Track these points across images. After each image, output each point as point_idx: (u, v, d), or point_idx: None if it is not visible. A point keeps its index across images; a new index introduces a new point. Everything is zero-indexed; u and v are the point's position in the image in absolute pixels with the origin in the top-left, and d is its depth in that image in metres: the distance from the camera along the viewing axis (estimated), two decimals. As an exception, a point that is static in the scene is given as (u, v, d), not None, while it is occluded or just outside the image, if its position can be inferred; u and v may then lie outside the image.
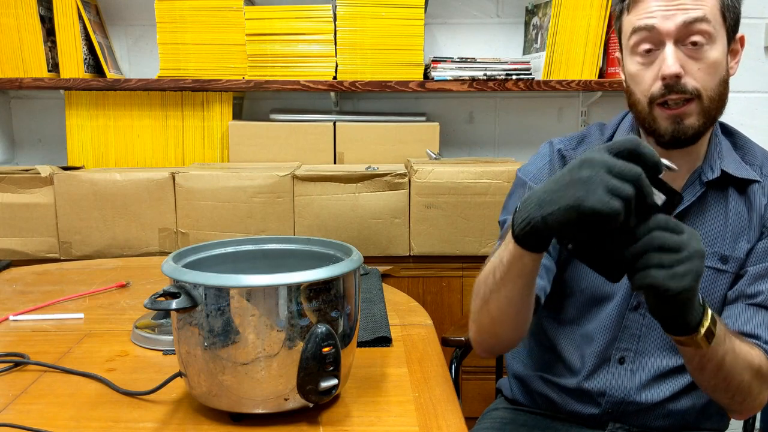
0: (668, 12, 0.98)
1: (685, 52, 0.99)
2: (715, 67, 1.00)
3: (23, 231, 1.93)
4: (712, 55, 0.99)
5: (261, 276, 0.82)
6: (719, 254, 1.06)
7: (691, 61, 0.99)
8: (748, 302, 1.03)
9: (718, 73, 1.00)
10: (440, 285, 1.96)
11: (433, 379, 1.00)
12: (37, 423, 0.86)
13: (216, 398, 0.86)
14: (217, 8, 2.11)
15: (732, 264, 1.06)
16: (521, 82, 2.12)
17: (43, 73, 2.13)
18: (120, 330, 1.20)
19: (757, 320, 1.01)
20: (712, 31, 0.98)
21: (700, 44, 0.98)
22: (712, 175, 1.06)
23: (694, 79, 0.99)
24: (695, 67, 0.99)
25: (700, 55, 0.99)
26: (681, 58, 0.99)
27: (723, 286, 1.07)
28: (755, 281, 1.04)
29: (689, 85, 0.99)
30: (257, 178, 1.89)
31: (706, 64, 0.99)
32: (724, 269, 1.06)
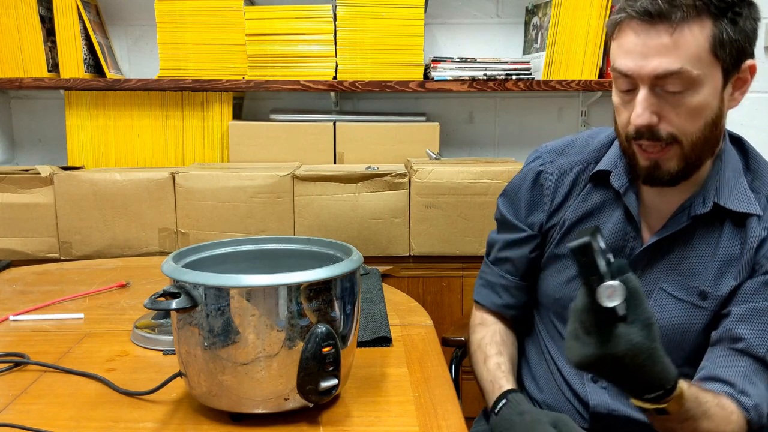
0: (645, 53, 0.90)
1: (663, 96, 0.91)
2: (698, 112, 0.92)
3: (23, 231, 1.93)
4: (694, 101, 0.91)
5: (261, 276, 0.82)
6: (699, 290, 1.00)
7: (668, 106, 0.92)
8: (730, 346, 0.97)
9: (703, 116, 0.92)
10: (440, 285, 1.96)
11: (433, 379, 1.00)
12: (37, 423, 0.86)
13: (216, 398, 0.86)
14: (217, 8, 2.11)
15: (711, 301, 1.00)
16: (521, 82, 2.12)
17: (43, 73, 2.13)
18: (120, 330, 1.20)
19: (736, 367, 0.96)
20: (692, 79, 0.89)
21: (679, 92, 0.90)
22: (702, 209, 1.00)
23: (670, 125, 0.92)
24: (673, 113, 0.92)
25: (678, 101, 0.91)
26: (655, 105, 0.92)
27: (699, 323, 1.01)
28: (738, 324, 0.97)
29: (664, 131, 0.92)
30: (257, 178, 1.89)
31: (686, 109, 0.91)
32: (702, 306, 1.00)
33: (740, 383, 0.95)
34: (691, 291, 1.01)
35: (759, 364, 0.96)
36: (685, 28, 0.88)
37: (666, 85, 0.90)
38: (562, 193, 1.12)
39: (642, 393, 0.85)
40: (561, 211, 1.12)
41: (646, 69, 0.90)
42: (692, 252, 1.01)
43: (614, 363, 0.81)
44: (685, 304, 1.01)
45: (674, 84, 0.90)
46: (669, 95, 0.91)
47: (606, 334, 0.80)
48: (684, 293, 1.01)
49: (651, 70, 0.89)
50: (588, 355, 0.82)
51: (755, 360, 0.96)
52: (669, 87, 0.90)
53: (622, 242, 1.05)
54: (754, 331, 0.96)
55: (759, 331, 0.96)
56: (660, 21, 0.88)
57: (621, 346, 0.79)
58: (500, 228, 1.21)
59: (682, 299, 1.01)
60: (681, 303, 1.01)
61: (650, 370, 0.82)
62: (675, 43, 0.88)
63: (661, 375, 0.83)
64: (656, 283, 1.03)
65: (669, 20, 0.88)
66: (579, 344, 0.83)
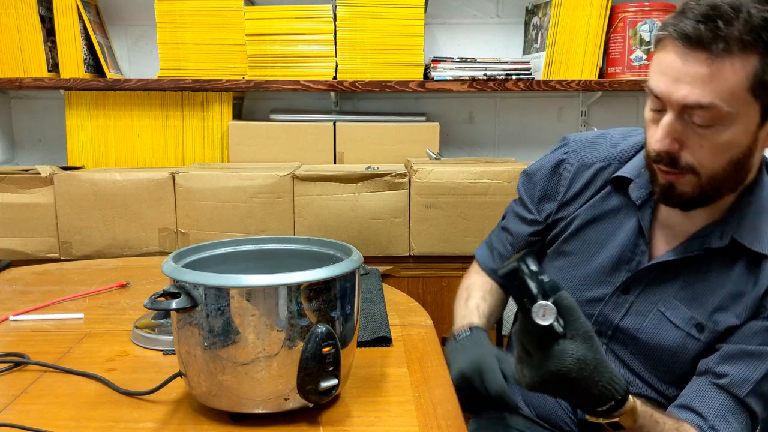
0: (678, 79, 0.85)
1: (689, 125, 0.87)
2: (724, 149, 0.87)
3: (23, 231, 1.92)
4: (721, 138, 0.86)
5: (261, 276, 0.82)
6: (697, 321, 0.98)
7: (693, 137, 0.87)
8: (713, 380, 0.95)
9: (728, 154, 0.88)
10: (440, 285, 1.96)
11: (433, 379, 1.00)
12: (37, 423, 0.86)
13: (216, 398, 0.85)
14: (217, 8, 2.11)
15: (707, 334, 0.97)
16: (521, 82, 2.12)
17: (43, 73, 2.13)
18: (120, 330, 1.20)
19: (713, 401, 0.94)
20: (722, 115, 0.84)
21: (706, 125, 0.86)
22: (718, 242, 0.95)
23: (691, 156, 0.88)
24: (696, 144, 0.88)
25: (704, 134, 0.87)
26: (679, 132, 0.88)
27: (692, 351, 0.99)
28: (727, 361, 0.95)
29: (683, 160, 0.89)
30: (257, 178, 1.89)
31: (711, 144, 0.87)
32: (698, 337, 0.98)
33: (712, 418, 0.93)
34: (688, 321, 0.98)
35: (737, 403, 0.94)
36: (726, 61, 0.83)
37: (693, 116, 0.86)
38: (577, 186, 1.11)
39: (595, 406, 0.84)
40: (572, 205, 1.11)
41: (676, 95, 0.86)
42: (698, 282, 0.98)
43: (562, 379, 0.81)
44: (680, 332, 0.99)
45: (702, 117, 0.85)
46: (695, 126, 0.87)
47: (548, 352, 0.80)
48: (681, 321, 0.99)
49: (680, 98, 0.85)
50: (535, 376, 0.82)
51: (734, 399, 0.94)
52: (696, 119, 0.86)
53: (630, 254, 1.03)
54: (740, 371, 0.94)
55: (745, 373, 0.93)
56: (700, 48, 0.83)
57: (565, 362, 0.80)
58: (516, 201, 1.23)
59: (678, 326, 0.99)
60: (677, 329, 0.99)
61: (598, 382, 0.82)
62: (711, 75, 0.83)
63: (610, 386, 0.83)
64: (655, 304, 1.01)
65: (709, 50, 0.83)
66: (525, 367, 0.84)
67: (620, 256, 1.04)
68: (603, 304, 1.05)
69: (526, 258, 0.82)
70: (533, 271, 0.82)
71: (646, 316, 1.02)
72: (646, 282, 1.02)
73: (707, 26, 0.82)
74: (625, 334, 1.03)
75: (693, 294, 0.98)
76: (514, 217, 1.21)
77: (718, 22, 0.82)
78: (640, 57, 2.12)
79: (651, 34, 2.10)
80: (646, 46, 2.11)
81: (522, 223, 1.19)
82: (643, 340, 1.02)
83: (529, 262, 0.82)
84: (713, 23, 0.82)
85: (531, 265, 0.82)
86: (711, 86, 0.83)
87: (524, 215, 1.18)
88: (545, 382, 0.82)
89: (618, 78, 2.14)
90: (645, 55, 2.11)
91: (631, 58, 2.12)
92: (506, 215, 1.25)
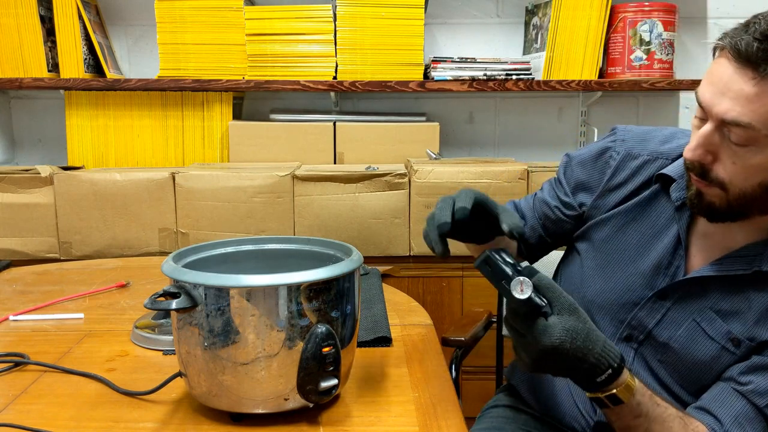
0: (723, 92, 0.84)
1: (726, 140, 0.86)
2: (755, 172, 0.85)
3: (23, 231, 1.92)
4: (754, 160, 0.84)
5: (261, 276, 0.82)
6: (732, 335, 0.96)
7: (728, 152, 0.86)
8: (735, 387, 0.94)
9: (760, 176, 0.86)
10: (440, 285, 1.96)
11: (433, 379, 1.00)
12: (37, 423, 0.86)
13: (216, 398, 0.86)
14: (217, 8, 2.11)
15: (742, 349, 0.96)
16: (521, 82, 2.11)
17: (43, 73, 2.13)
18: (120, 330, 1.20)
19: (732, 407, 0.93)
20: (758, 138, 0.83)
21: (741, 144, 0.84)
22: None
23: (723, 170, 0.87)
24: (730, 160, 0.86)
25: (737, 153, 0.85)
26: (715, 145, 0.87)
27: (724, 365, 0.97)
28: (753, 371, 0.94)
29: (713, 174, 0.88)
30: (257, 178, 1.89)
31: (743, 164, 0.85)
32: (733, 351, 0.96)
33: (728, 424, 0.92)
34: (725, 335, 0.97)
35: (756, 413, 0.93)
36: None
37: (731, 133, 0.84)
38: (621, 176, 1.07)
39: (594, 376, 0.85)
40: (613, 195, 1.08)
41: (717, 109, 0.84)
42: (737, 297, 0.96)
43: (556, 352, 0.82)
44: (715, 344, 0.97)
45: (738, 135, 0.84)
46: (731, 143, 0.85)
47: (538, 329, 0.82)
48: (717, 334, 0.97)
49: (720, 112, 0.84)
50: (532, 354, 0.83)
51: (754, 408, 0.93)
52: (733, 136, 0.84)
53: (670, 259, 1.01)
54: (764, 383, 0.93)
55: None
56: (749, 66, 0.82)
57: (556, 334, 0.81)
58: (554, 180, 1.18)
59: (713, 339, 0.97)
60: (712, 342, 0.97)
61: (593, 350, 0.83)
62: (755, 96, 0.81)
63: (605, 353, 0.84)
64: (691, 314, 0.99)
65: (757, 69, 0.81)
66: (521, 350, 0.84)
67: (659, 261, 1.02)
68: (639, 308, 1.03)
69: (498, 251, 0.86)
70: (505, 258, 0.85)
71: (681, 325, 1.00)
72: (684, 291, 1.00)
73: (762, 45, 0.81)
74: (657, 341, 1.02)
75: (731, 308, 0.97)
76: (551, 192, 1.16)
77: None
78: (640, 57, 2.12)
79: (651, 34, 2.10)
80: (646, 46, 2.11)
81: (558, 201, 1.15)
82: (674, 349, 1.00)
83: (502, 255, 0.86)
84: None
85: (505, 257, 0.86)
86: (752, 106, 0.82)
87: (561, 196, 1.14)
88: (542, 359, 0.83)
89: (618, 78, 2.14)
90: (645, 55, 2.11)
91: (631, 58, 2.12)
92: (542, 189, 1.20)
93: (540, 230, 1.16)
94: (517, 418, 1.18)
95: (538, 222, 1.15)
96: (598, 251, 1.09)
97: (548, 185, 1.18)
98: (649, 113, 2.41)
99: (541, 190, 1.20)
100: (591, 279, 1.08)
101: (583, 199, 1.11)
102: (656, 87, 2.12)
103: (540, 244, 1.17)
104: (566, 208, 1.13)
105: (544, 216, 1.15)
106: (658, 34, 2.10)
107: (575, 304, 0.83)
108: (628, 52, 2.12)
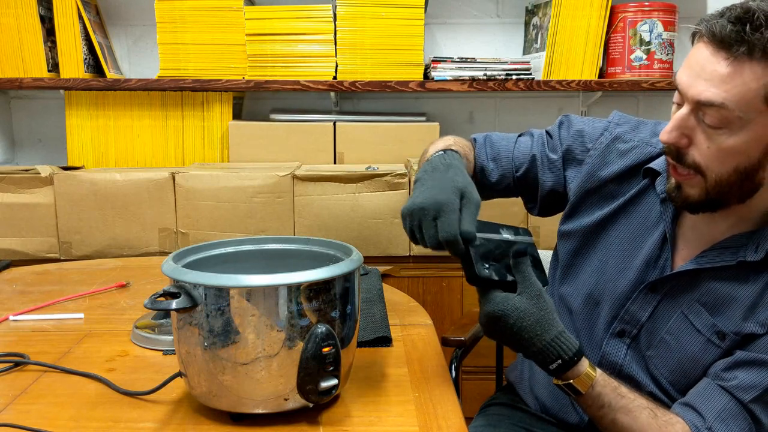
0: (698, 74, 0.86)
1: (701, 123, 0.88)
2: (729, 155, 0.87)
3: (23, 231, 1.92)
4: (726, 142, 0.86)
5: (261, 276, 0.82)
6: (718, 328, 0.97)
7: (702, 136, 0.88)
8: (719, 383, 0.95)
9: (734, 161, 0.87)
10: (440, 285, 1.96)
11: (433, 379, 1.00)
12: (37, 423, 0.86)
13: (216, 398, 0.86)
14: (217, 8, 2.11)
15: (728, 343, 0.97)
16: (521, 82, 2.12)
17: (43, 73, 2.13)
18: (120, 330, 1.20)
19: (716, 403, 0.94)
20: (731, 119, 0.84)
21: (714, 126, 0.86)
22: (753, 256, 0.94)
23: (698, 155, 0.89)
24: (704, 144, 0.88)
25: (711, 135, 0.87)
26: (690, 129, 0.89)
27: (710, 359, 0.98)
28: (737, 366, 0.95)
29: (690, 158, 0.90)
30: (257, 178, 1.89)
31: (717, 147, 0.87)
32: (718, 344, 0.97)
33: (711, 420, 0.93)
34: (710, 328, 0.98)
35: (740, 408, 0.94)
36: (746, 65, 0.83)
37: (706, 115, 0.87)
38: (611, 158, 1.09)
39: (543, 363, 0.91)
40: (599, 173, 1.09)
41: (692, 91, 0.87)
42: (722, 290, 0.97)
43: (497, 321, 0.88)
44: (701, 337, 0.98)
45: (712, 117, 0.86)
46: (706, 125, 0.87)
47: (487, 297, 0.89)
48: (703, 327, 0.98)
49: (695, 94, 0.86)
50: (480, 318, 0.90)
51: (738, 403, 0.94)
52: (707, 118, 0.86)
53: (659, 251, 1.02)
54: (749, 377, 0.93)
55: (754, 379, 0.93)
56: (723, 48, 0.84)
57: (500, 306, 0.88)
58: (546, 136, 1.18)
59: (700, 332, 0.98)
60: (698, 335, 0.98)
61: (541, 336, 0.89)
62: (728, 76, 0.84)
63: (556, 343, 0.89)
64: (680, 306, 1.00)
65: (730, 50, 0.83)
66: (479, 314, 0.91)
67: (649, 255, 1.03)
68: (631, 302, 1.04)
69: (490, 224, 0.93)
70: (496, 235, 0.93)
71: (671, 318, 1.01)
72: (673, 284, 1.01)
73: (735, 27, 0.83)
74: (650, 335, 1.03)
75: (716, 301, 0.98)
76: (540, 148, 1.16)
77: (747, 26, 0.82)
78: (640, 57, 2.12)
79: (651, 34, 2.10)
80: (646, 46, 2.11)
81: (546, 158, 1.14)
82: (665, 342, 1.01)
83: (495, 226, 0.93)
84: (742, 26, 0.83)
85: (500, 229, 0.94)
86: (726, 87, 0.84)
87: (549, 154, 1.15)
88: (485, 324, 0.90)
89: (618, 78, 2.14)
90: (645, 55, 2.11)
91: (631, 58, 2.12)
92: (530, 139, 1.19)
93: (510, 180, 1.17)
94: (514, 415, 1.19)
95: (512, 171, 1.17)
96: (593, 248, 1.10)
97: (539, 139, 1.18)
98: (649, 113, 2.41)
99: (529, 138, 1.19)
100: (587, 275, 1.10)
101: (571, 174, 1.13)
102: (656, 87, 2.12)
103: (504, 189, 1.18)
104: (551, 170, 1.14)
105: (525, 169, 1.16)
106: (658, 34, 2.10)
107: (541, 292, 0.90)
108: (628, 52, 2.12)
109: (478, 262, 0.88)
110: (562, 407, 1.12)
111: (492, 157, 1.17)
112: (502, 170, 1.16)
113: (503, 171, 1.16)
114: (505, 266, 0.91)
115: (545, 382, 1.15)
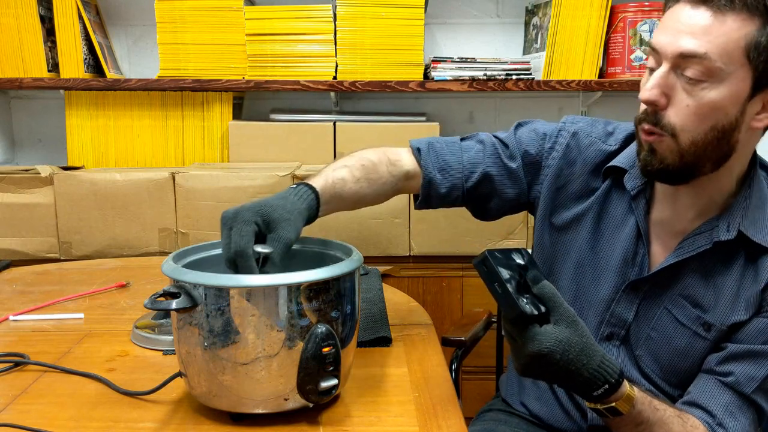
0: (678, 30, 0.87)
1: (680, 81, 0.88)
2: (709, 110, 0.87)
3: (23, 231, 1.92)
4: (708, 96, 0.86)
5: (261, 276, 0.82)
6: (703, 320, 0.97)
7: (681, 94, 0.88)
8: (718, 378, 0.96)
9: (713, 118, 0.87)
10: (440, 285, 1.96)
11: (433, 379, 1.00)
12: (37, 423, 0.86)
13: (216, 398, 0.86)
14: (217, 8, 2.11)
15: (714, 333, 0.97)
16: (521, 82, 2.12)
17: (43, 73, 2.13)
18: (120, 330, 1.20)
19: (720, 398, 0.94)
20: (713, 69, 0.85)
21: (696, 80, 0.86)
22: (726, 235, 0.94)
23: (675, 115, 0.89)
24: (683, 102, 0.88)
25: (692, 90, 0.87)
26: (670, 87, 0.89)
27: (699, 352, 0.99)
28: (731, 360, 0.95)
29: (665, 119, 0.89)
30: (257, 178, 1.89)
31: (697, 103, 0.87)
32: (705, 336, 0.98)
33: (720, 415, 0.94)
34: (695, 320, 0.98)
35: (744, 400, 0.95)
36: (727, 16, 0.85)
37: (686, 69, 0.87)
38: (572, 155, 1.08)
39: (590, 391, 0.85)
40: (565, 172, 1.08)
41: (673, 46, 0.87)
42: (701, 281, 0.98)
43: (544, 361, 0.81)
44: (687, 330, 0.99)
45: (694, 70, 0.86)
46: (686, 81, 0.87)
47: (528, 335, 0.82)
48: (688, 320, 0.99)
49: (676, 48, 0.87)
50: (520, 358, 0.83)
51: (740, 396, 0.94)
52: (688, 71, 0.86)
53: (635, 249, 1.02)
54: (745, 370, 0.94)
55: (750, 371, 0.94)
56: (704, 3, 0.86)
57: (545, 343, 0.81)
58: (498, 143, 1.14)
59: (685, 325, 0.99)
60: (684, 328, 0.99)
61: (588, 365, 0.83)
62: (710, 27, 0.85)
63: (602, 369, 0.84)
64: (663, 302, 1.01)
65: (712, 3, 0.85)
66: (515, 355, 0.85)
67: (625, 254, 1.03)
68: (615, 303, 1.04)
69: (500, 250, 0.85)
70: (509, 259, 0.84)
71: (655, 314, 1.01)
72: (654, 281, 1.01)
73: None
74: (638, 334, 1.03)
75: (696, 293, 0.98)
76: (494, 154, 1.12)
77: None
78: (640, 57, 2.12)
79: (651, 34, 2.10)
80: (646, 46, 2.11)
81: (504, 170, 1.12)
82: (653, 339, 1.01)
83: (505, 252, 0.85)
84: None
85: (510, 254, 0.85)
86: (708, 37, 0.85)
87: (507, 163, 1.12)
88: (529, 365, 0.83)
89: (618, 78, 2.14)
90: (645, 55, 2.11)
91: (631, 58, 2.12)
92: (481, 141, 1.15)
93: (460, 192, 1.13)
94: (510, 421, 1.18)
95: (462, 182, 1.13)
96: (566, 253, 1.09)
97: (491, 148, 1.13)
98: (649, 113, 2.41)
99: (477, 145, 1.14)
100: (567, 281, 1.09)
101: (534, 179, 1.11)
102: (656, 87, 2.11)
103: (454, 200, 1.15)
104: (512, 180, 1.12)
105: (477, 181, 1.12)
106: (658, 34, 2.10)
107: (575, 317, 0.83)
108: (628, 52, 2.12)
109: (519, 299, 0.81)
110: (558, 419, 1.12)
111: (439, 167, 1.13)
112: (452, 181, 1.13)
113: (453, 182, 1.13)
114: (532, 296, 0.83)
115: (536, 395, 1.15)
